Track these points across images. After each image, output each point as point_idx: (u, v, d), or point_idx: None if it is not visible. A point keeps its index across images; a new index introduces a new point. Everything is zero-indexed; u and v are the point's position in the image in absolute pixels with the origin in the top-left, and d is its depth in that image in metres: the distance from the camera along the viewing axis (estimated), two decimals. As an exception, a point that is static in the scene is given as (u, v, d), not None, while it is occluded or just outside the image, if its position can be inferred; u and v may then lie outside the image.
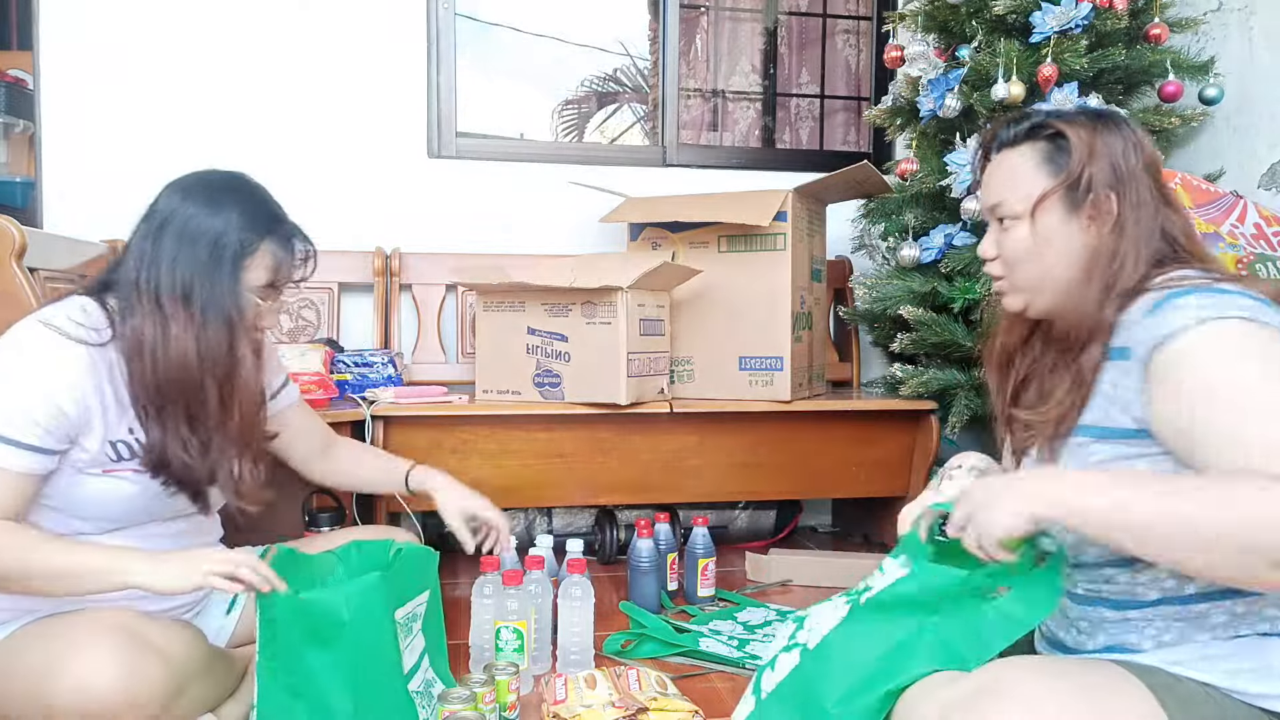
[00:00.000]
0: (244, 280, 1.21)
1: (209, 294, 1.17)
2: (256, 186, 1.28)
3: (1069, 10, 1.94)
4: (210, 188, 1.22)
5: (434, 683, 1.36)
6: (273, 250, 1.23)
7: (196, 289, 1.17)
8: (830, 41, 3.23)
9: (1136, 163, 0.99)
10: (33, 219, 2.37)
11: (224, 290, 1.18)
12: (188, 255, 1.17)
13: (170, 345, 1.15)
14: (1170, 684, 0.87)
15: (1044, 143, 1.02)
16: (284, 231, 1.26)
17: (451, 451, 2.08)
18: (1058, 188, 0.99)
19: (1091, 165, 0.98)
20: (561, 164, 2.71)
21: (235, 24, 2.48)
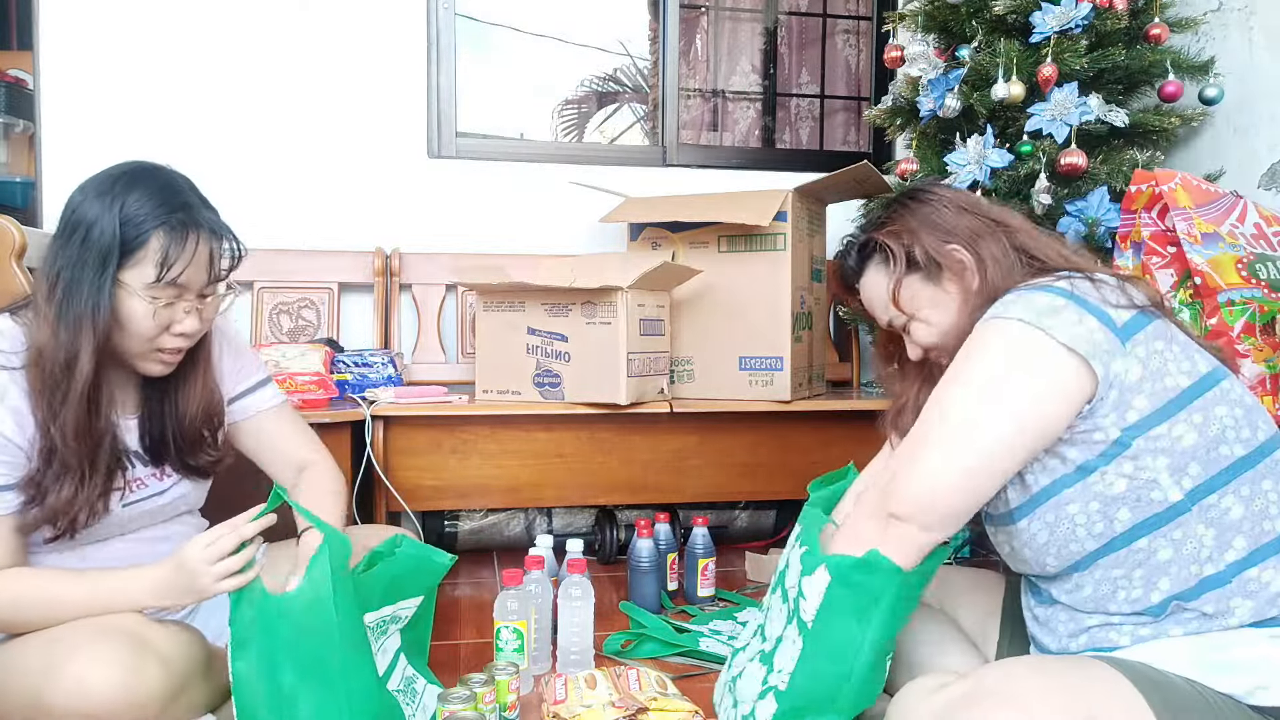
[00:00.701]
0: (124, 277, 1.11)
1: (69, 288, 1.09)
2: (164, 174, 1.18)
3: (1069, 10, 1.94)
4: (107, 178, 1.14)
5: (415, 679, 1.36)
6: (163, 243, 1.11)
7: (62, 284, 1.09)
8: (830, 41, 3.23)
9: (950, 210, 1.12)
10: (33, 219, 2.37)
11: (85, 286, 1.09)
12: (62, 249, 1.11)
13: (32, 342, 1.11)
14: (1157, 681, 0.87)
15: (877, 256, 1.18)
16: (180, 221, 1.13)
17: (451, 451, 2.08)
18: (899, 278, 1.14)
19: (916, 242, 1.12)
20: (561, 164, 2.71)
21: (235, 24, 2.48)
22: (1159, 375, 0.92)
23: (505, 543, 2.41)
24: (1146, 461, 0.92)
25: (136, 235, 1.10)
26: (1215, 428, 0.92)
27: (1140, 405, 0.92)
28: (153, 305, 1.13)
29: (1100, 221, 1.93)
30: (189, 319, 1.17)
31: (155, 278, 1.11)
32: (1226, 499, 0.92)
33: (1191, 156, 2.24)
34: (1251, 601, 0.90)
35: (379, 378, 2.21)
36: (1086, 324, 0.92)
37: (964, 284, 1.10)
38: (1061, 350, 0.91)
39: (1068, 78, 1.97)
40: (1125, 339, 0.93)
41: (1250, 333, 1.54)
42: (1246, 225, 1.64)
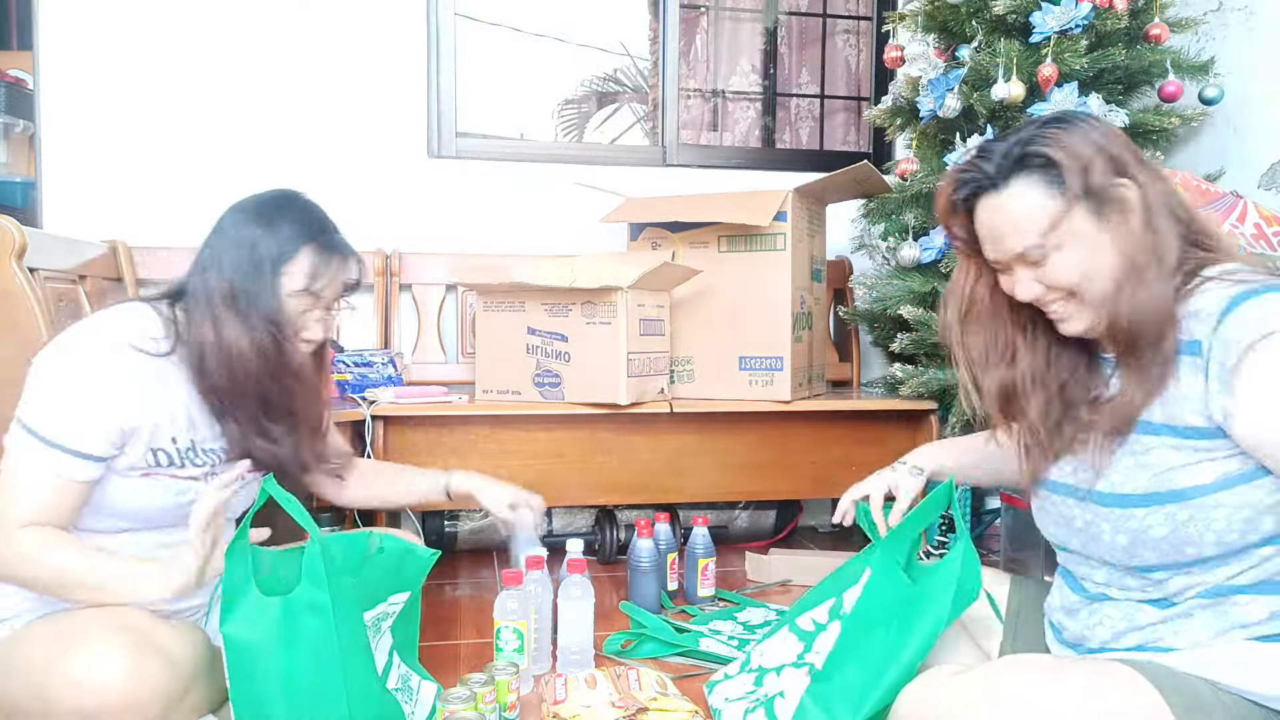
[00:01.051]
0: (282, 285, 1.27)
1: (252, 296, 1.25)
2: (306, 202, 1.37)
3: (1069, 10, 1.94)
4: (262, 202, 1.31)
5: (410, 676, 1.36)
6: (310, 257, 1.28)
7: (240, 292, 1.24)
8: (830, 41, 3.23)
9: (1119, 145, 0.98)
10: (33, 219, 2.37)
11: (264, 293, 1.25)
12: (233, 261, 1.25)
13: (226, 345, 1.23)
14: (1174, 682, 0.86)
15: (1035, 173, 0.98)
16: (324, 241, 1.31)
17: (451, 451, 2.08)
18: (1072, 205, 0.96)
19: (1092, 169, 0.95)
20: (561, 164, 2.71)
21: (235, 24, 2.48)
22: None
23: (505, 543, 2.40)
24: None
25: (291, 249, 1.27)
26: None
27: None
28: (292, 310, 1.28)
29: (1100, 221, 1.93)
30: (317, 326, 1.33)
31: (302, 286, 1.28)
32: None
33: (1191, 156, 2.24)
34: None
35: (379, 378, 2.21)
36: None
37: (1124, 228, 0.95)
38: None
39: (1068, 78, 1.97)
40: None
41: (1250, 333, 1.54)
42: (1246, 225, 1.64)
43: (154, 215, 2.40)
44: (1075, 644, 1.06)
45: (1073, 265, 0.97)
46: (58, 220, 2.37)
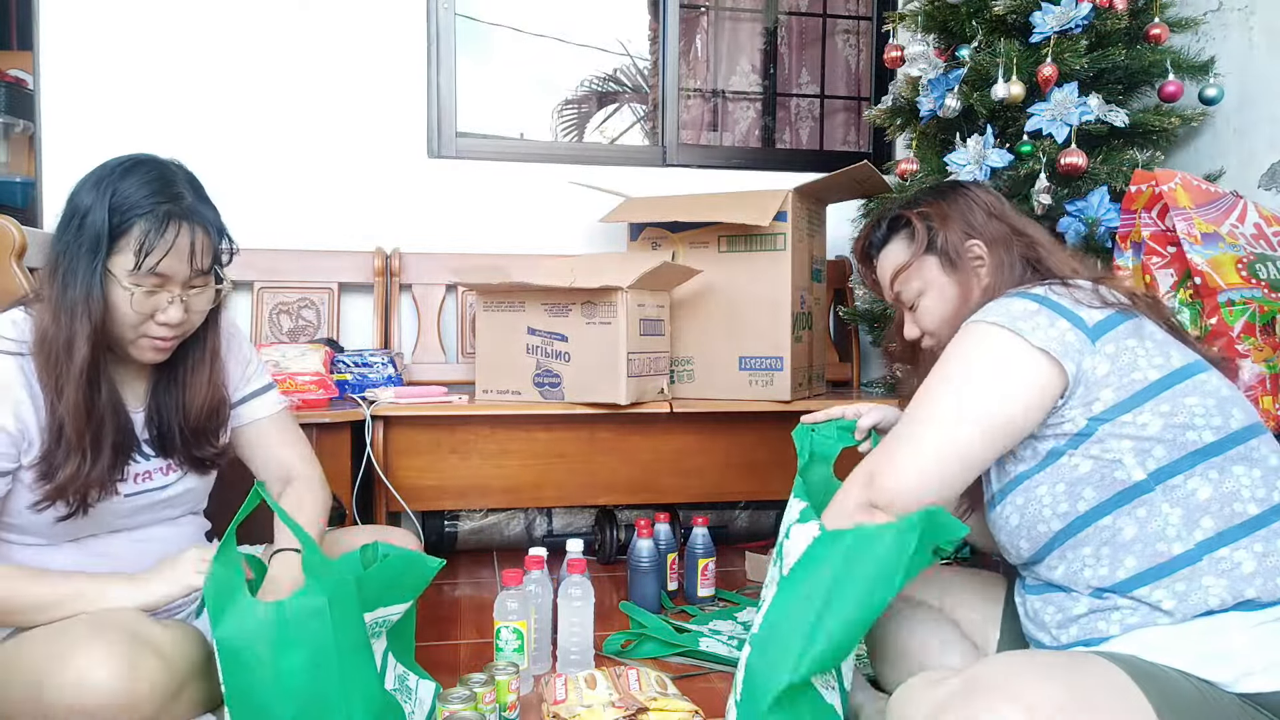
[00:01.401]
0: (113, 263, 1.14)
1: (66, 274, 1.13)
2: (159, 165, 1.21)
3: (1069, 10, 1.94)
4: (105, 167, 1.18)
5: (407, 676, 1.35)
6: (142, 230, 1.13)
7: (60, 269, 1.13)
8: (830, 41, 3.23)
9: (978, 207, 1.21)
10: (33, 219, 2.37)
11: (80, 272, 1.12)
12: (60, 236, 1.15)
13: (35, 326, 1.15)
14: (1152, 672, 0.88)
15: (902, 231, 1.27)
16: (165, 211, 1.15)
17: (451, 451, 2.08)
18: (915, 255, 1.23)
19: (944, 228, 1.20)
20: (561, 164, 2.71)
21: (235, 24, 2.48)
22: (1127, 369, 0.99)
23: (505, 543, 2.41)
24: (1111, 445, 0.98)
25: (121, 223, 1.13)
26: (1183, 415, 0.97)
27: (1106, 397, 0.98)
28: (130, 293, 1.14)
29: (1100, 221, 1.93)
30: (172, 309, 1.18)
31: (134, 265, 1.13)
32: (1193, 481, 0.95)
33: (1191, 156, 2.24)
34: (1224, 580, 0.91)
35: (379, 378, 2.22)
36: (1058, 326, 1.00)
37: (972, 282, 1.18)
38: (1034, 352, 0.99)
39: (1068, 78, 1.97)
40: (1095, 338, 1.00)
41: (1250, 333, 1.54)
42: (1246, 225, 1.64)
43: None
44: (1035, 644, 1.09)
45: (929, 309, 1.23)
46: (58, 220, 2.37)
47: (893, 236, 1.28)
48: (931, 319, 1.23)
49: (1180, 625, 0.92)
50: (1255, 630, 0.90)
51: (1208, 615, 0.91)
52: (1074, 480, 1.00)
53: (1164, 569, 0.94)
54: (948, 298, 1.20)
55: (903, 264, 1.24)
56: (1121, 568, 0.96)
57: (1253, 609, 0.91)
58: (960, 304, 1.17)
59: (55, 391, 1.14)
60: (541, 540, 2.38)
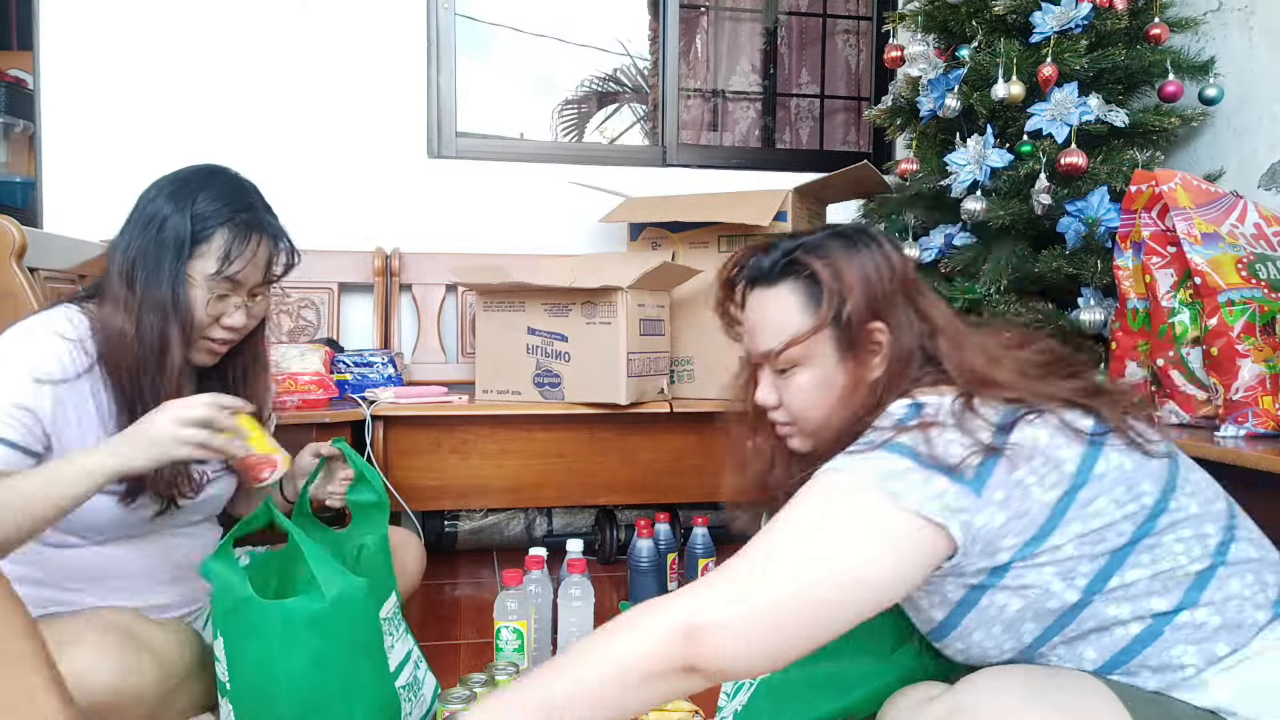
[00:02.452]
0: (192, 269, 1.18)
1: (151, 278, 1.16)
2: (233, 178, 1.26)
3: (1069, 10, 1.94)
4: (181, 178, 1.22)
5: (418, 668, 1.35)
6: (226, 239, 1.19)
7: (140, 273, 1.16)
8: (830, 41, 3.23)
9: (891, 282, 0.98)
10: (33, 219, 2.37)
11: (165, 276, 1.16)
12: (139, 238, 1.18)
13: (112, 328, 1.15)
14: (1137, 693, 0.86)
15: (802, 282, 1.00)
16: (245, 221, 1.21)
17: (451, 451, 2.08)
18: (820, 326, 0.97)
19: (850, 300, 0.96)
20: (561, 164, 2.71)
21: (235, 24, 2.48)
22: (1021, 509, 0.86)
23: (505, 543, 2.41)
24: (1031, 578, 0.87)
25: (204, 230, 1.18)
26: (1096, 523, 0.87)
27: (1010, 544, 0.86)
28: (208, 296, 1.19)
29: (1100, 221, 1.93)
30: (238, 314, 1.23)
31: (215, 270, 1.18)
32: (1128, 574, 0.87)
33: (1191, 156, 2.24)
34: (1194, 646, 0.87)
35: (379, 378, 2.21)
36: (934, 485, 0.84)
37: (863, 372, 0.98)
38: (913, 518, 0.83)
39: (1068, 78, 1.97)
40: (980, 488, 0.85)
41: (1250, 333, 1.54)
42: (1246, 225, 1.64)
43: (154, 215, 2.39)
44: None
45: (804, 389, 1.00)
46: (58, 220, 2.37)
47: (784, 280, 1.01)
48: (801, 400, 1.01)
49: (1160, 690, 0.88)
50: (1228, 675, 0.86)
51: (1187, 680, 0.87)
52: (1009, 621, 0.90)
53: (1127, 653, 0.88)
54: (831, 384, 0.99)
55: (801, 334, 0.98)
56: (1086, 663, 0.90)
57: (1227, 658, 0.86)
58: (843, 395, 0.98)
59: (146, 394, 1.15)
60: (541, 540, 2.38)
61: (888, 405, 0.94)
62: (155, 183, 1.22)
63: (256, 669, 1.08)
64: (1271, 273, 1.58)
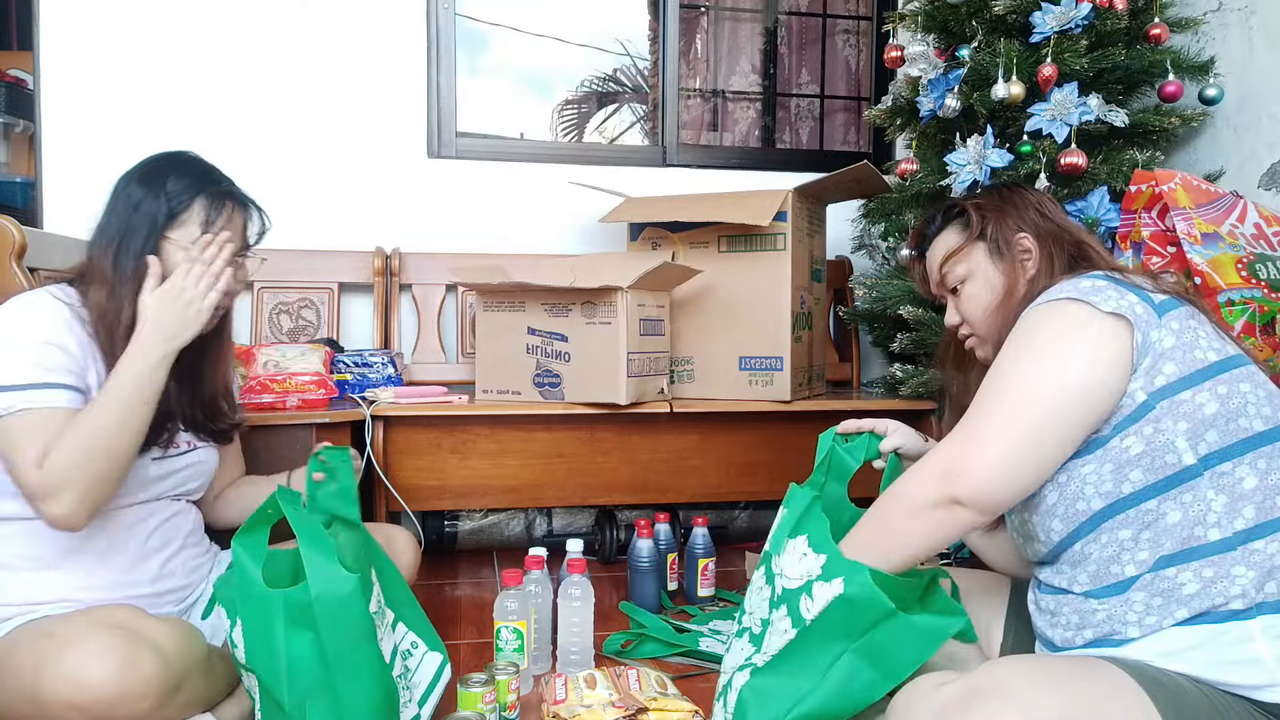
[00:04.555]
0: (175, 237, 1.26)
1: (121, 250, 1.24)
2: (198, 159, 1.37)
3: (1069, 10, 1.94)
4: (148, 163, 1.32)
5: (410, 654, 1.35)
6: (203, 206, 1.29)
7: (120, 249, 1.25)
8: (830, 41, 3.23)
9: (1035, 210, 1.21)
10: (33, 219, 2.37)
11: (135, 244, 1.25)
12: (116, 222, 1.27)
13: (98, 304, 1.23)
14: (1162, 681, 0.87)
15: (956, 220, 1.27)
16: (217, 191, 1.31)
17: (451, 451, 2.08)
18: (966, 241, 1.23)
19: (996, 220, 1.21)
20: (561, 164, 2.71)
21: (235, 24, 2.48)
22: (1190, 346, 0.98)
23: (505, 543, 2.41)
24: (1167, 425, 0.96)
25: (179, 204, 1.27)
26: (1237, 400, 0.96)
27: (1169, 371, 0.97)
28: None
29: (1100, 221, 1.93)
30: None
31: (200, 235, 1.27)
32: (1241, 469, 0.94)
33: (1191, 156, 2.24)
34: (1253, 572, 0.91)
35: (379, 378, 2.21)
36: (1128, 298, 0.99)
37: (1019, 274, 1.17)
38: (1108, 318, 0.98)
39: (1068, 78, 1.97)
40: (1161, 313, 0.99)
41: (1250, 333, 1.54)
42: (1246, 225, 1.64)
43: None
44: (1047, 644, 1.07)
45: (972, 296, 1.23)
46: (58, 220, 2.37)
47: (947, 226, 1.28)
48: (974, 307, 1.22)
49: (1201, 626, 0.91)
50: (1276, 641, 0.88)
51: (1231, 619, 0.90)
52: (1123, 462, 0.98)
53: (1196, 552, 0.93)
54: (992, 286, 1.20)
55: (953, 248, 1.24)
56: (1159, 550, 0.95)
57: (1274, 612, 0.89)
58: (1004, 295, 1.17)
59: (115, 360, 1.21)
60: (541, 540, 2.38)
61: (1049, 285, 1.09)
62: (125, 173, 1.31)
63: (265, 652, 1.11)
64: (1271, 273, 1.58)
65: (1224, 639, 0.90)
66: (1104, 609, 0.98)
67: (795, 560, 1.11)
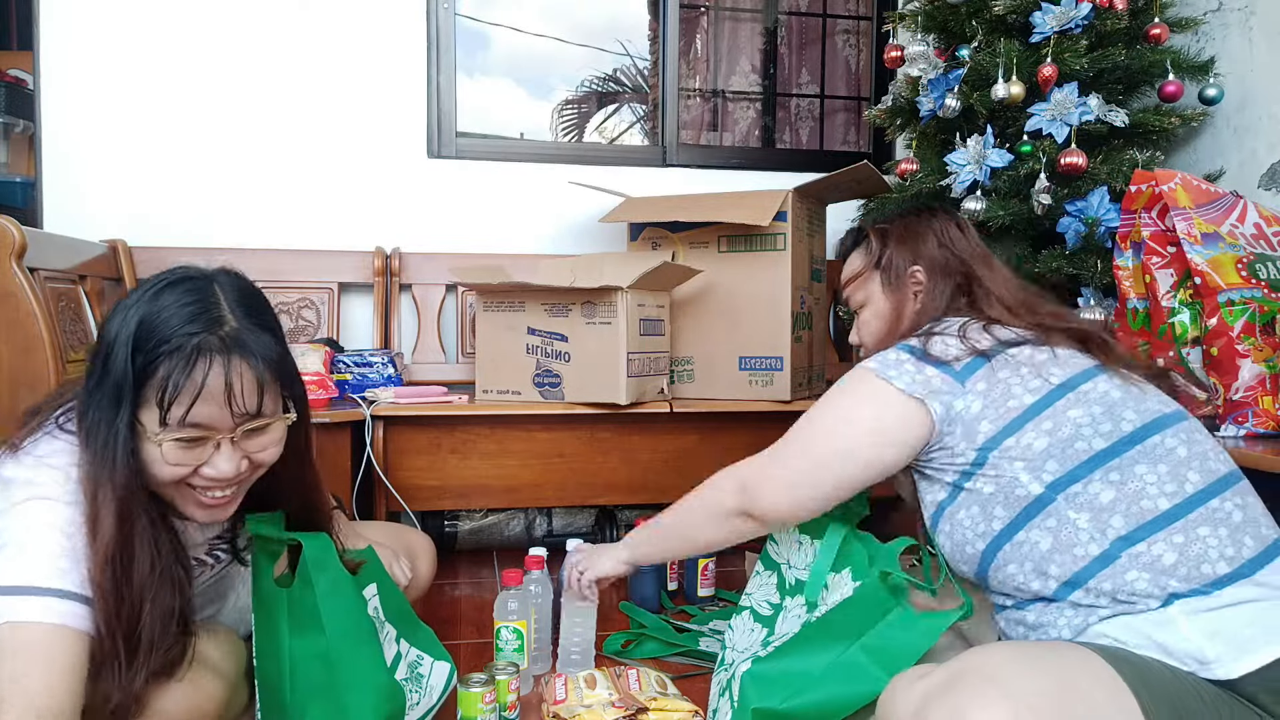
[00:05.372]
0: (141, 417, 0.92)
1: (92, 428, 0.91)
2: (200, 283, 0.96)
3: (1069, 10, 1.94)
4: (137, 291, 0.95)
5: (419, 663, 1.35)
6: (166, 372, 0.90)
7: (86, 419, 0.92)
8: (830, 41, 3.23)
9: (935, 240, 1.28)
10: (33, 219, 2.37)
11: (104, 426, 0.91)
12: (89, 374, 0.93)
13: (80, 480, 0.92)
14: (1130, 659, 0.89)
15: (863, 243, 1.37)
16: (195, 346, 0.91)
17: (451, 451, 2.08)
18: (866, 269, 1.34)
19: (897, 249, 1.30)
20: (561, 164, 2.71)
21: (235, 24, 2.48)
22: (1001, 400, 1.07)
23: (505, 543, 2.41)
24: (1004, 467, 1.04)
25: (146, 364, 0.90)
26: (1068, 429, 1.03)
27: (985, 429, 1.06)
28: (159, 448, 0.92)
29: (1100, 221, 1.93)
30: (219, 460, 0.95)
31: (159, 421, 0.91)
32: (1093, 485, 0.99)
33: (1191, 156, 2.24)
34: (1147, 573, 0.94)
35: (379, 378, 2.21)
36: (925, 373, 1.11)
37: (906, 305, 1.28)
38: (899, 394, 1.10)
39: (1068, 78, 1.97)
40: (964, 379, 1.09)
41: (1250, 333, 1.54)
42: (1246, 225, 1.64)
43: (154, 215, 2.40)
44: None
45: (866, 322, 1.36)
46: (58, 220, 2.37)
47: (856, 248, 1.38)
48: (866, 331, 1.36)
49: (1127, 618, 0.94)
50: (1199, 619, 0.91)
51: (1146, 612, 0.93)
52: (984, 502, 1.07)
53: (1086, 572, 0.97)
54: (882, 314, 1.31)
55: (854, 273, 1.36)
56: (1049, 579, 0.99)
57: (1181, 598, 0.92)
58: (892, 322, 1.28)
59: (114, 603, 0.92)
60: (541, 540, 2.38)
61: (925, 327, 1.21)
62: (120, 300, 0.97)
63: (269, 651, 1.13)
64: (1271, 273, 1.58)
65: (1147, 625, 0.92)
66: (1033, 614, 1.03)
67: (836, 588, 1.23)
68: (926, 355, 1.12)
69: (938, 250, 1.28)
